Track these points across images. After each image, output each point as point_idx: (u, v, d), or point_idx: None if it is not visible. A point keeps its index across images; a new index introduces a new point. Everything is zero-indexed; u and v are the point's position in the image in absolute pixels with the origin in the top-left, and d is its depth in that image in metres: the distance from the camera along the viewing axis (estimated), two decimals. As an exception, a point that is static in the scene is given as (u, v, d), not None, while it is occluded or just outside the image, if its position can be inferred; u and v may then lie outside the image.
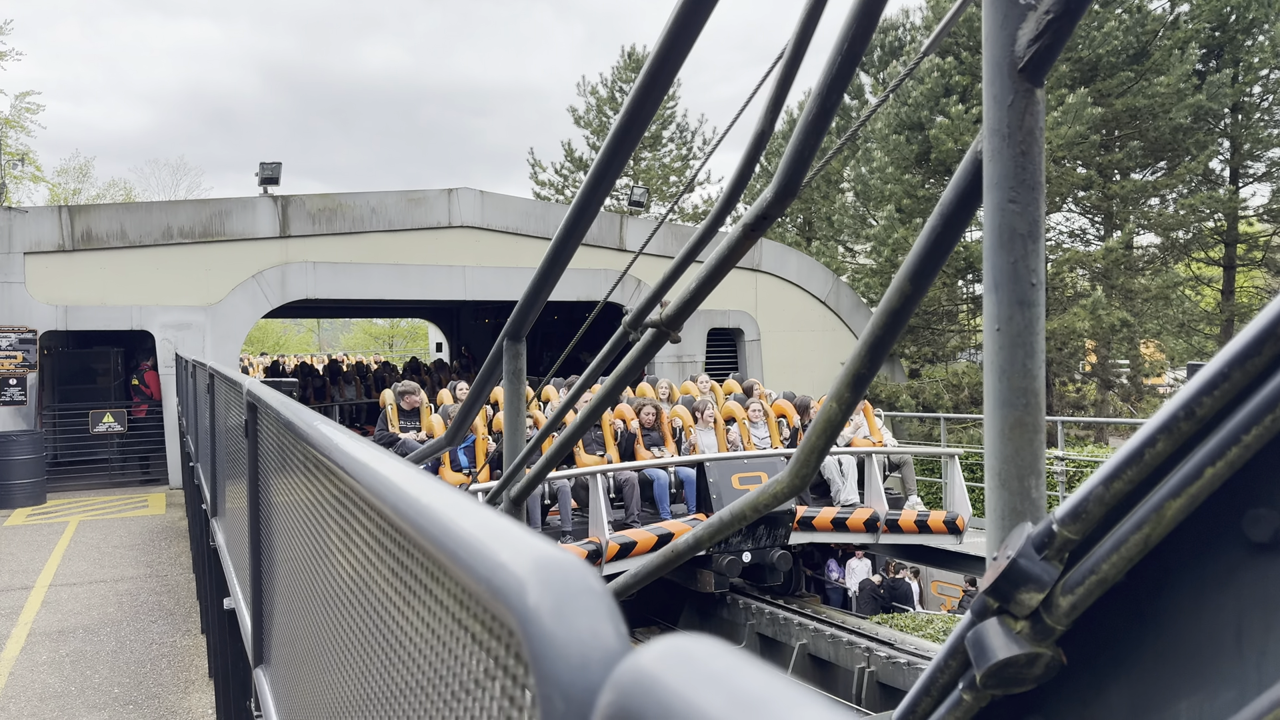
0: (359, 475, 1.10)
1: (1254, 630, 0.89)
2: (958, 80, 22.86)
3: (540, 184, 36.08)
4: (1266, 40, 22.32)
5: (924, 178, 23.67)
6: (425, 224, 17.60)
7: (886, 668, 8.31)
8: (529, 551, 0.58)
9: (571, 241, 2.58)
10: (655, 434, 10.59)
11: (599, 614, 0.51)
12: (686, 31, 2.05)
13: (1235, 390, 0.82)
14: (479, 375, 3.22)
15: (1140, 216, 24.23)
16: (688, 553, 2.21)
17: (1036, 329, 1.12)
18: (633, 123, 2.25)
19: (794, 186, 1.75)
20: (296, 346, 62.14)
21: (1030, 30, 1.16)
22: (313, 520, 1.78)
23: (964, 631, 0.98)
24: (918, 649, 8.37)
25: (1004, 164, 1.19)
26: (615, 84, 34.32)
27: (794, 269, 21.56)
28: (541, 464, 2.72)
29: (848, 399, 1.53)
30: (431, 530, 0.74)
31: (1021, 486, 1.07)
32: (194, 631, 8.24)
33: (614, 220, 19.53)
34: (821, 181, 29.65)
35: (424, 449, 6.02)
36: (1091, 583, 0.89)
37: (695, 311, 2.19)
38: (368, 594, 1.21)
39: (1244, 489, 0.88)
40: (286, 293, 16.66)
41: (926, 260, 1.34)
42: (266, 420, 2.70)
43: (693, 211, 34.96)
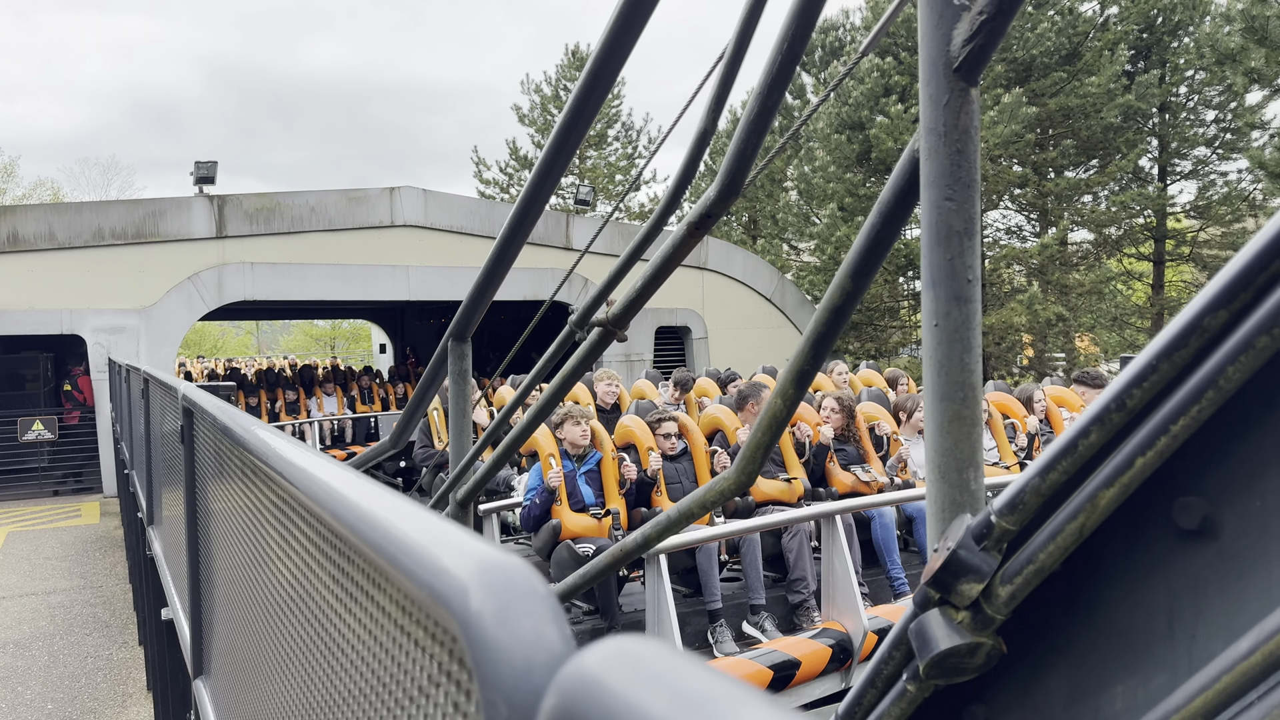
0: (298, 481, 1.08)
1: (1184, 615, 0.92)
2: (897, 80, 23.22)
3: (485, 183, 35.80)
4: (1191, 42, 23.06)
5: (865, 176, 24.00)
6: (367, 223, 17.34)
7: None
8: (471, 555, 0.57)
9: (517, 240, 2.56)
10: (851, 448, 6.91)
11: (543, 617, 0.50)
12: (629, 30, 2.05)
13: (1163, 382, 0.84)
14: (424, 376, 3.18)
15: (1074, 213, 24.87)
16: (636, 551, 2.21)
17: (973, 324, 1.14)
18: (576, 120, 2.24)
19: (737, 185, 1.75)
20: (235, 350, 60.84)
21: (965, 30, 1.18)
22: (252, 527, 1.74)
23: (907, 623, 0.99)
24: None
25: (940, 162, 1.21)
26: (560, 82, 34.21)
27: (740, 267, 21.71)
28: (489, 465, 2.70)
29: (792, 395, 1.54)
30: (372, 536, 0.73)
31: (961, 479, 1.09)
32: (131, 643, 8.02)
33: (560, 219, 19.47)
34: (765, 180, 29.89)
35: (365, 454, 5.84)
36: (1029, 572, 0.91)
37: (642, 310, 2.20)
38: (309, 602, 1.18)
39: (1173, 478, 0.91)
40: (224, 294, 16.30)
41: (867, 257, 1.36)
42: (203, 426, 2.64)
43: (639, 210, 34.99)
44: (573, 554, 5.61)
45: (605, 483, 6.01)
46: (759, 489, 6.27)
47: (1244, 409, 0.86)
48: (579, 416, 6.03)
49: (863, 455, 6.89)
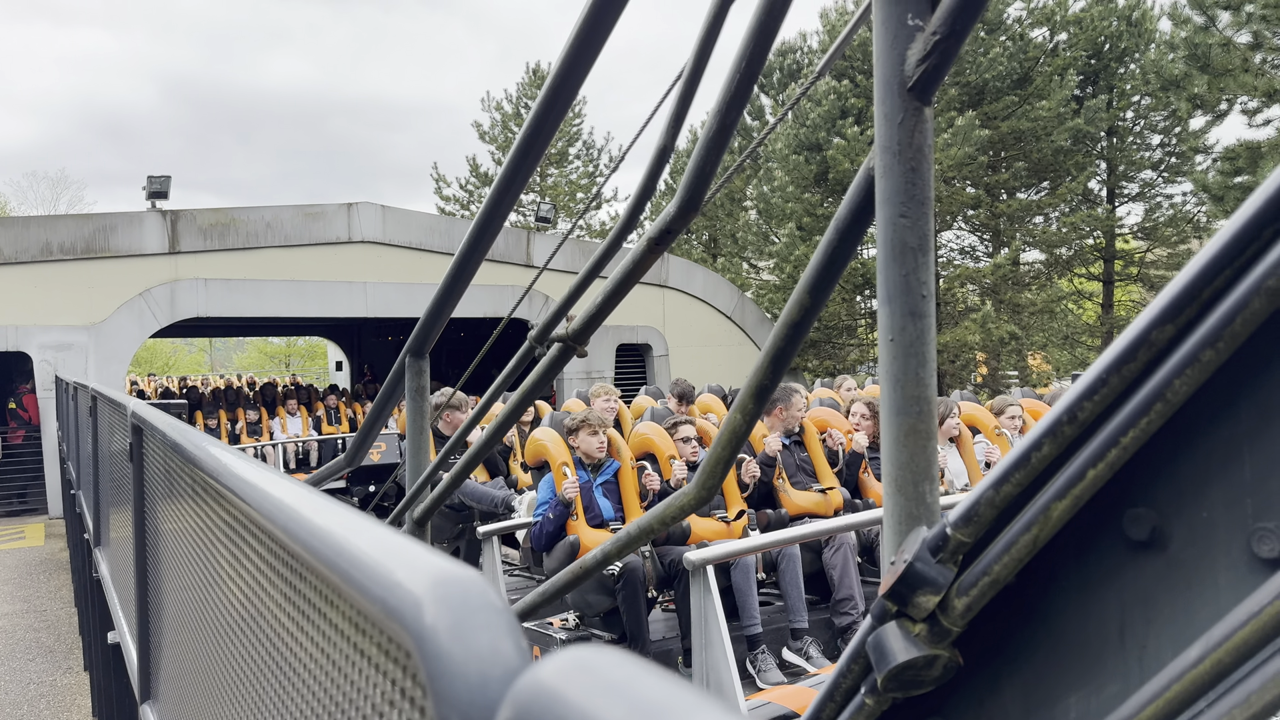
0: (249, 498, 1.06)
1: (1135, 625, 0.93)
2: (853, 103, 23.59)
3: (445, 199, 35.67)
4: (1137, 69, 23.72)
5: (823, 196, 24.30)
6: (324, 239, 17.17)
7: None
8: (426, 569, 0.56)
9: (476, 256, 2.55)
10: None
11: (499, 630, 0.50)
12: (588, 48, 2.05)
13: (1113, 395, 0.86)
14: (380, 393, 3.14)
15: (1026, 234, 25.39)
16: (595, 568, 2.20)
17: (928, 339, 1.15)
18: (536, 137, 2.24)
19: (696, 201, 1.76)
20: (187, 368, 59.74)
21: (919, 51, 1.20)
22: (202, 547, 1.71)
23: (865, 636, 1.00)
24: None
25: (895, 180, 1.22)
26: (520, 100, 34.24)
27: (700, 285, 21.82)
28: (446, 484, 2.67)
29: (751, 409, 1.55)
30: (324, 552, 0.72)
31: (916, 491, 1.10)
32: (76, 669, 7.79)
33: (521, 236, 19.43)
34: (725, 199, 30.13)
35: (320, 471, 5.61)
36: (984, 584, 0.92)
37: (604, 327, 2.19)
38: (260, 622, 1.16)
39: (1123, 490, 0.92)
40: (176, 311, 16.01)
41: (824, 273, 1.37)
42: (153, 443, 2.58)
43: (600, 228, 35.06)
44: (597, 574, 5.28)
45: (625, 495, 5.42)
46: (793, 502, 5.76)
47: (1190, 421, 0.88)
48: (596, 424, 5.38)
49: None
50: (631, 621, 4.96)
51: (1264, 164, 16.66)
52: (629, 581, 4.95)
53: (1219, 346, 0.79)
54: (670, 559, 5.10)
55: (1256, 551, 0.83)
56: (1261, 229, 0.75)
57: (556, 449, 5.46)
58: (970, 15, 1.15)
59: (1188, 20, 18.01)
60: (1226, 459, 0.86)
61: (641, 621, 4.95)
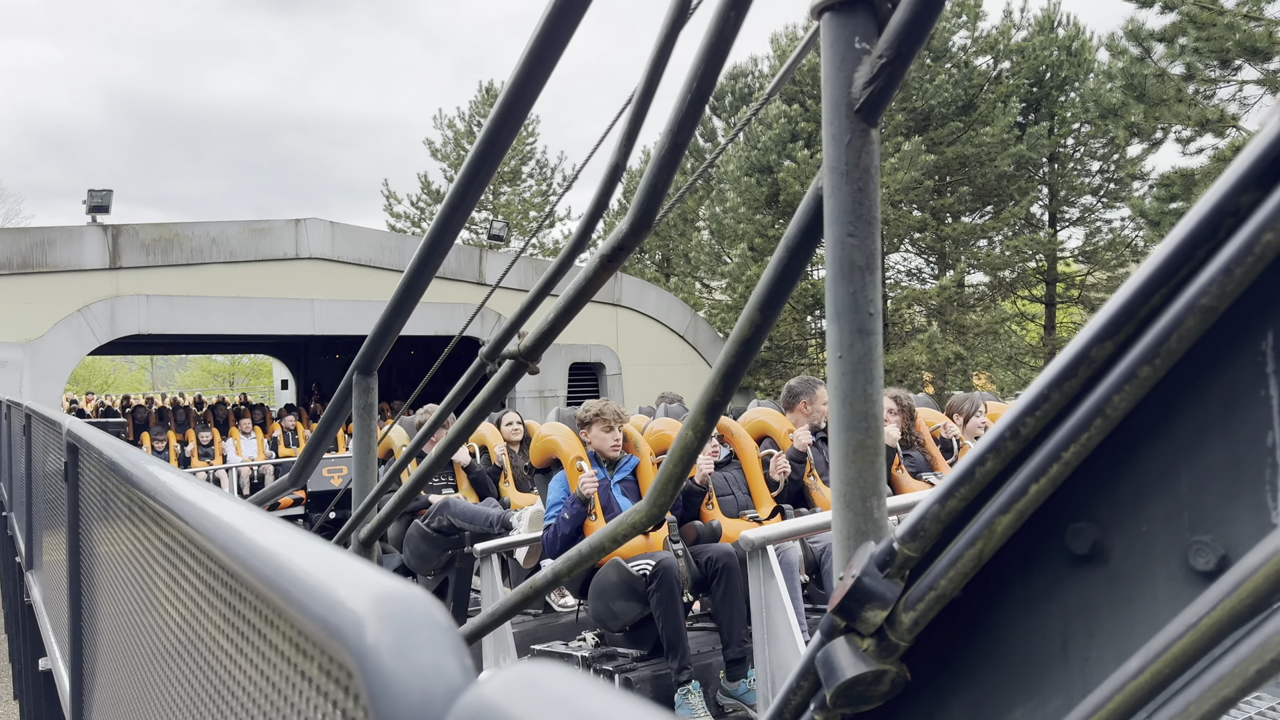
0: (187, 516, 1.03)
1: (1078, 638, 0.95)
2: (803, 127, 23.94)
3: (396, 216, 35.38)
4: (1077, 97, 24.43)
5: (774, 218, 24.59)
6: (271, 255, 16.90)
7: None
8: (369, 587, 0.55)
9: (426, 272, 2.52)
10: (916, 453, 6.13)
11: (443, 648, 0.49)
12: (541, 66, 2.06)
13: (1055, 410, 0.87)
14: (327, 411, 3.09)
15: (970, 257, 25.92)
16: (545, 589, 2.18)
17: (875, 356, 1.17)
18: (488, 154, 2.24)
19: (649, 219, 1.77)
20: (127, 386, 58.25)
21: (865, 73, 1.22)
22: (139, 569, 1.66)
23: (814, 652, 1.00)
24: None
25: (843, 199, 1.24)
26: (473, 118, 34.16)
27: (653, 304, 21.89)
28: (393, 503, 2.64)
29: (703, 426, 1.55)
30: (264, 570, 0.70)
31: (865, 507, 1.11)
32: (5, 697, 7.50)
33: (473, 254, 19.33)
34: (678, 220, 30.33)
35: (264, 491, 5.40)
36: (931, 598, 0.93)
37: (557, 345, 2.18)
38: (198, 644, 1.13)
39: (1065, 504, 0.94)
40: (116, 328, 15.61)
41: (774, 290, 1.38)
42: (88, 463, 2.51)
43: (553, 247, 35.04)
44: (624, 575, 4.51)
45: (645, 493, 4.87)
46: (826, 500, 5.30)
47: (1129, 437, 0.90)
48: (611, 419, 4.93)
49: (930, 462, 6.06)
50: (669, 627, 4.45)
51: (1197, 190, 17.24)
52: (664, 581, 4.39)
53: (1156, 363, 0.81)
54: (706, 557, 4.66)
55: (1193, 564, 0.85)
56: (1195, 248, 0.77)
57: (568, 445, 5.01)
58: (915, 39, 1.17)
59: (1125, 51, 18.62)
60: (1164, 473, 0.88)
61: (680, 628, 4.46)
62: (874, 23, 1.22)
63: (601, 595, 4.60)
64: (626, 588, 4.53)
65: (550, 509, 4.79)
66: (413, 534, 6.28)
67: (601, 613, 4.68)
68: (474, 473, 6.71)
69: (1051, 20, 25.04)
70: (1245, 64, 17.60)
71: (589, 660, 4.74)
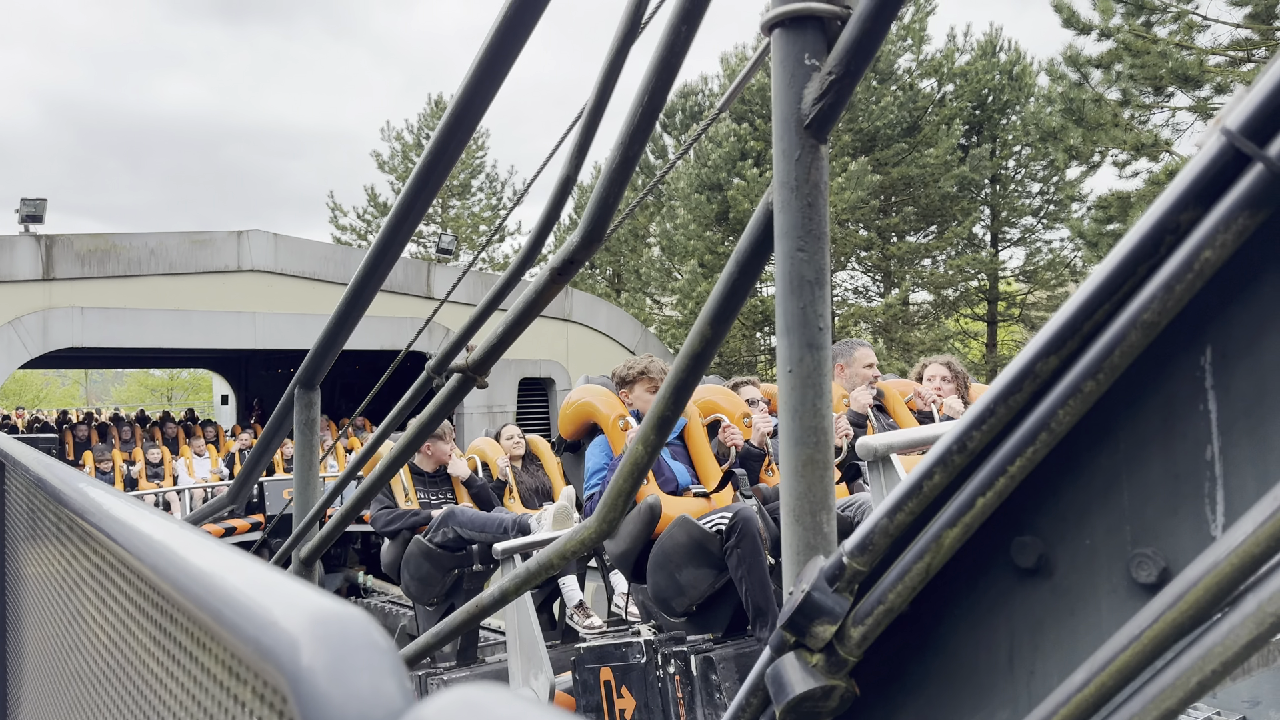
0: (116, 535, 0.99)
1: (1024, 651, 0.95)
2: (753, 145, 24.20)
3: (341, 228, 34.92)
4: (1018, 120, 25.07)
5: (724, 235, 24.78)
6: (212, 267, 16.54)
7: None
8: (305, 607, 0.53)
9: (371, 285, 2.48)
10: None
11: (381, 670, 0.47)
12: (491, 78, 2.04)
13: (1000, 425, 0.88)
14: (268, 426, 3.02)
15: (915, 275, 26.39)
16: (493, 607, 2.15)
17: (825, 370, 1.17)
18: (436, 165, 2.21)
19: (600, 232, 1.76)
20: (60, 400, 56.50)
21: (815, 89, 1.23)
22: (67, 591, 1.59)
23: (763, 668, 0.99)
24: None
25: (792, 215, 1.24)
26: (422, 131, 33.92)
27: (604, 320, 21.88)
28: (335, 521, 2.58)
29: (653, 440, 1.54)
30: (195, 590, 0.67)
31: (814, 521, 1.11)
32: (-77, 727, 7.16)
33: (421, 268, 19.14)
34: (629, 236, 30.41)
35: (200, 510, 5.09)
36: (880, 613, 0.92)
37: (506, 360, 2.16)
38: (127, 669, 1.08)
39: (1011, 518, 0.95)
40: (49, 341, 15.13)
41: (725, 304, 1.38)
42: (15, 480, 2.42)
43: (503, 261, 34.86)
44: (695, 534, 3.79)
45: (696, 456, 4.40)
46: None
47: (1073, 451, 0.91)
48: (658, 377, 4.34)
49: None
50: (755, 590, 3.74)
51: (1134, 213, 17.77)
52: (746, 534, 3.71)
53: (1099, 378, 0.82)
54: None
55: (1135, 577, 0.86)
56: (1137, 265, 0.79)
57: (607, 405, 4.35)
58: (864, 57, 1.18)
59: (1063, 76, 19.17)
60: (1106, 487, 0.89)
61: (769, 590, 3.74)
62: (824, 40, 1.23)
63: (665, 565, 3.86)
64: (698, 549, 3.83)
65: (591, 478, 4.09)
66: (413, 553, 5.54)
67: (664, 589, 3.98)
68: (475, 486, 6.00)
69: (994, 45, 25.70)
70: (1177, 91, 18.23)
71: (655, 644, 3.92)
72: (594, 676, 3.93)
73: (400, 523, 5.73)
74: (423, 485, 6.01)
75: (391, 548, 5.78)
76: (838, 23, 1.22)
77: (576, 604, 5.81)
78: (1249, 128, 0.73)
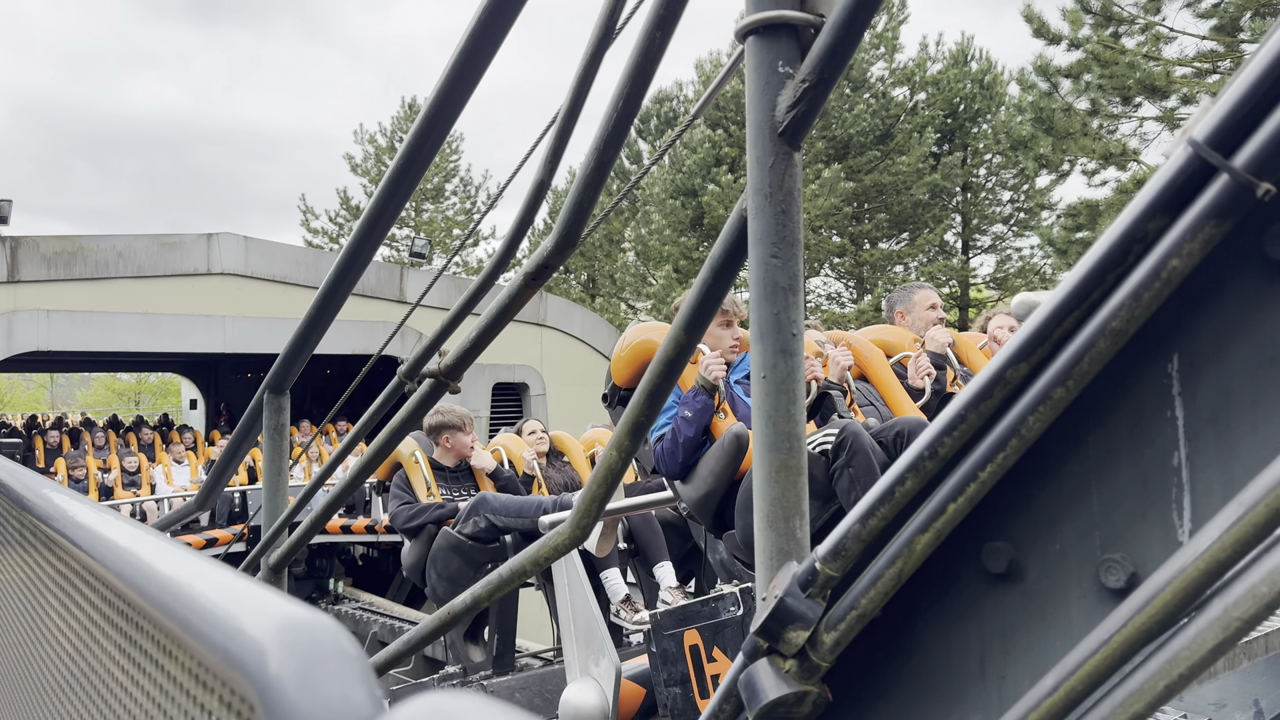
0: (81, 541, 0.97)
1: (995, 656, 0.96)
2: (727, 152, 24.30)
3: (313, 231, 34.67)
4: (989, 128, 25.36)
5: (698, 240, 24.86)
6: (181, 270, 16.35)
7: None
8: (273, 614, 0.52)
9: (343, 289, 2.46)
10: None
11: (351, 678, 0.46)
12: (465, 80, 2.03)
13: (972, 431, 0.89)
14: (235, 431, 2.98)
15: (887, 282, 26.60)
16: (465, 614, 2.13)
17: (798, 376, 1.17)
18: (409, 169, 2.20)
19: (574, 237, 1.76)
20: (25, 405, 55.55)
21: (789, 97, 1.24)
22: (30, 599, 1.56)
23: (736, 674, 0.99)
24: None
25: (766, 221, 1.25)
26: (395, 134, 33.76)
27: (578, 324, 21.85)
28: (305, 528, 2.55)
29: (627, 446, 1.54)
30: (162, 597, 0.66)
31: (788, 527, 1.11)
32: (-120, 738, 7.01)
33: (394, 271, 19.03)
34: (604, 241, 30.41)
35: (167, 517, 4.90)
36: (852, 618, 0.93)
37: (480, 365, 2.15)
38: (91, 677, 1.06)
39: (982, 524, 0.95)
40: (14, 344, 14.88)
41: (699, 311, 1.38)
42: (-22, 485, 2.37)
43: (477, 265, 34.75)
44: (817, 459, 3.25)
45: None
46: None
47: (1044, 457, 0.92)
48: (731, 312, 3.84)
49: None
50: None
51: (1102, 221, 18.03)
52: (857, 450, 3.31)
53: (1069, 385, 0.83)
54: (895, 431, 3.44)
55: (1104, 581, 0.87)
56: (1106, 273, 0.79)
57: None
58: (837, 64, 1.19)
59: (1034, 86, 19.43)
60: (1076, 493, 0.90)
61: None
62: (797, 48, 1.24)
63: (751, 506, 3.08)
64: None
65: (661, 414, 3.47)
66: (440, 548, 5.06)
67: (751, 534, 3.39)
68: (502, 479, 5.58)
69: (965, 54, 26.00)
70: (1145, 101, 18.54)
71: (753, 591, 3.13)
72: (676, 643, 3.47)
73: (424, 516, 5.24)
74: (444, 481, 5.55)
75: (414, 547, 5.30)
76: (811, 31, 1.23)
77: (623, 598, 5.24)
78: (1215, 139, 0.74)
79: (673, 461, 3.51)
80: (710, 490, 3.50)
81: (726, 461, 3.42)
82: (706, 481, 3.50)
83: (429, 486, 5.46)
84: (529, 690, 5.15)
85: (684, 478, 3.54)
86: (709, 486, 3.50)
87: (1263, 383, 0.79)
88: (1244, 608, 0.71)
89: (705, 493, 3.51)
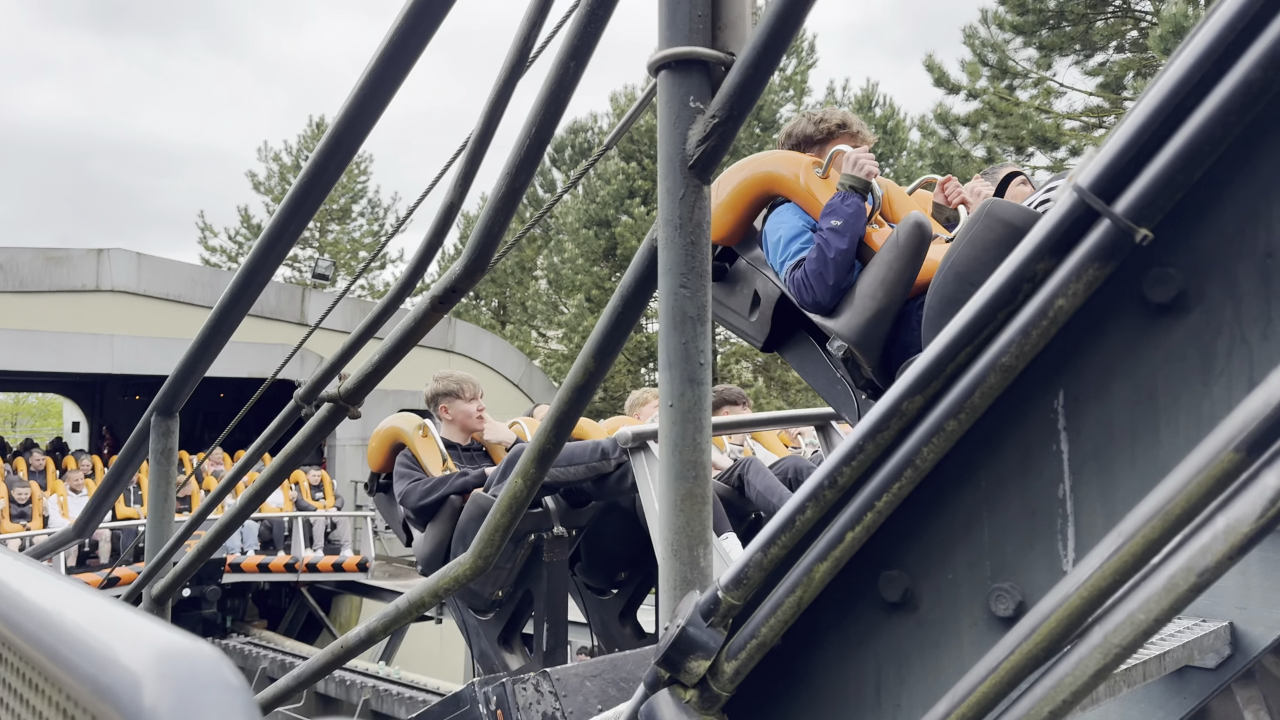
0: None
1: (890, 683, 0.98)
2: (640, 184, 24.57)
3: (211, 249, 33.53)
4: (891, 172, 26.26)
5: (611, 270, 24.99)
6: (67, 286, 15.59)
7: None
8: (150, 642, 0.50)
9: (239, 308, 2.38)
10: None
11: (232, 709, 0.44)
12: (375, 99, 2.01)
13: (869, 461, 0.91)
14: (120, 454, 2.84)
15: (794, 317, 27.19)
16: (359, 648, 2.06)
17: (705, 405, 1.18)
18: (313, 187, 2.15)
19: (484, 261, 1.74)
20: (-113, 423, 51.81)
21: (699, 131, 1.26)
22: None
23: (638, 705, 0.98)
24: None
25: (676, 252, 1.26)
26: (301, 152, 33.01)
27: (488, 351, 21.63)
28: (191, 557, 2.44)
29: (534, 475, 1.52)
30: (28, 626, 0.62)
31: (691, 556, 1.11)
32: None
33: (295, 293, 18.53)
34: (516, 268, 30.28)
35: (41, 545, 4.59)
36: (752, 647, 0.93)
37: (385, 391, 2.10)
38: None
39: (879, 553, 0.97)
40: (-122, 358, 13.92)
41: (609, 338, 1.39)
42: None
43: (383, 290, 34.11)
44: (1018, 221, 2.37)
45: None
46: None
47: (938, 488, 0.95)
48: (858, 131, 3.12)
49: None
50: None
51: (993, 265, 18.85)
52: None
53: (961, 417, 0.85)
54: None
55: (994, 610, 0.90)
56: (996, 311, 0.83)
57: (788, 164, 3.01)
58: (747, 101, 1.22)
59: (934, 133, 20.28)
60: (968, 523, 0.93)
61: None
62: (708, 83, 1.27)
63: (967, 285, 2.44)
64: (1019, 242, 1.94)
65: (793, 243, 2.86)
66: (471, 519, 4.12)
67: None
68: None
69: (870, 99, 26.96)
70: (1037, 151, 19.54)
71: None
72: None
73: (446, 487, 4.30)
74: (458, 460, 4.71)
75: (432, 532, 4.34)
76: (722, 68, 1.26)
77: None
78: (1098, 186, 0.78)
79: (821, 285, 2.73)
80: (882, 307, 2.66)
81: (906, 263, 2.62)
82: (875, 298, 2.67)
83: (444, 460, 4.59)
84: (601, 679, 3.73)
85: (837, 306, 2.77)
86: (879, 303, 2.66)
87: (1141, 418, 0.84)
88: (1123, 634, 0.74)
89: (874, 312, 2.67)
